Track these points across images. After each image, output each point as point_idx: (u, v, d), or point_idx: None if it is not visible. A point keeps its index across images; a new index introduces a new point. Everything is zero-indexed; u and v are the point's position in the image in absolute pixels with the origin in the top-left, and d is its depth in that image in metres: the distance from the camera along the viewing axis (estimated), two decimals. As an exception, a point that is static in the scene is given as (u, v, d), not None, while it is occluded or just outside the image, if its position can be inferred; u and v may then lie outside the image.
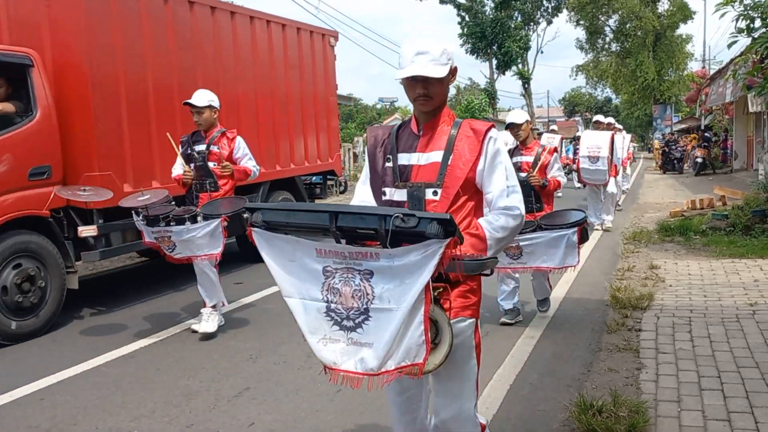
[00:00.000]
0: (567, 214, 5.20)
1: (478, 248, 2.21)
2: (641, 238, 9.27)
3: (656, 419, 3.43)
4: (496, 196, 2.27)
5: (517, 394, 3.90)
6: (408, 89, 2.30)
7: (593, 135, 10.33)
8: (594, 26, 42.37)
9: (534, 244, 4.90)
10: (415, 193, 2.28)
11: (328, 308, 1.98)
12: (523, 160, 5.35)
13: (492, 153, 2.29)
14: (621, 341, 4.74)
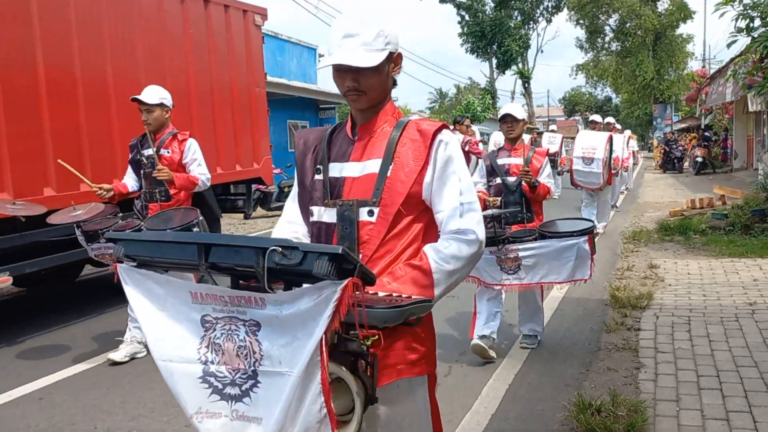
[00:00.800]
0: (571, 222, 4.60)
1: (420, 284, 1.72)
2: (641, 237, 9.27)
3: (655, 418, 3.43)
4: (447, 216, 1.80)
5: (515, 394, 3.90)
6: (337, 81, 1.84)
7: (589, 135, 9.70)
8: (594, 25, 42.37)
9: (537, 255, 4.22)
10: (346, 214, 1.82)
11: (205, 372, 1.55)
12: (512, 162, 4.66)
13: (443, 161, 1.82)
14: (620, 341, 4.74)
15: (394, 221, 1.80)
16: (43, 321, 5.97)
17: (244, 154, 8.32)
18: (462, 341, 4.96)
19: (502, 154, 4.74)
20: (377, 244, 1.79)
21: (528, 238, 4.30)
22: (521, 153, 4.67)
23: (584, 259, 4.18)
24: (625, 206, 14.03)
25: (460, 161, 1.85)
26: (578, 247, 4.15)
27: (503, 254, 4.24)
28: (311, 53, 20.82)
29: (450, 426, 3.48)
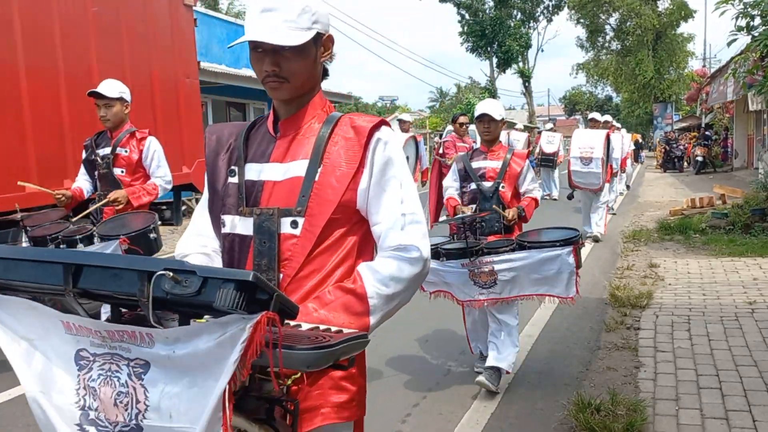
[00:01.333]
0: (554, 231, 3.96)
1: (353, 311, 1.44)
2: (641, 236, 9.27)
3: (654, 417, 3.43)
4: (386, 229, 1.52)
5: (515, 393, 3.89)
6: (254, 65, 1.57)
7: (586, 134, 9.33)
8: (594, 24, 42.38)
9: (515, 268, 3.66)
10: (265, 225, 1.52)
11: (83, 419, 1.23)
12: (488, 166, 4.08)
13: (381, 163, 1.55)
14: (620, 340, 4.74)
15: (322, 234, 1.52)
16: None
17: (169, 156, 7.38)
18: (460, 339, 4.96)
19: (478, 157, 4.15)
20: (302, 261, 1.52)
21: (504, 248, 3.72)
22: (499, 155, 4.09)
23: (568, 273, 3.61)
24: (626, 206, 14.03)
25: (402, 164, 1.60)
26: (561, 259, 3.58)
27: (476, 267, 3.69)
28: (311, 52, 20.82)
29: (449, 425, 3.49)
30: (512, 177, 4.04)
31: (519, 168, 4.06)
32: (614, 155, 9.86)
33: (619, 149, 10.75)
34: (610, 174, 9.46)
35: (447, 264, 3.80)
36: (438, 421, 3.55)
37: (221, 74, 14.93)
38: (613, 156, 9.64)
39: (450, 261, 3.79)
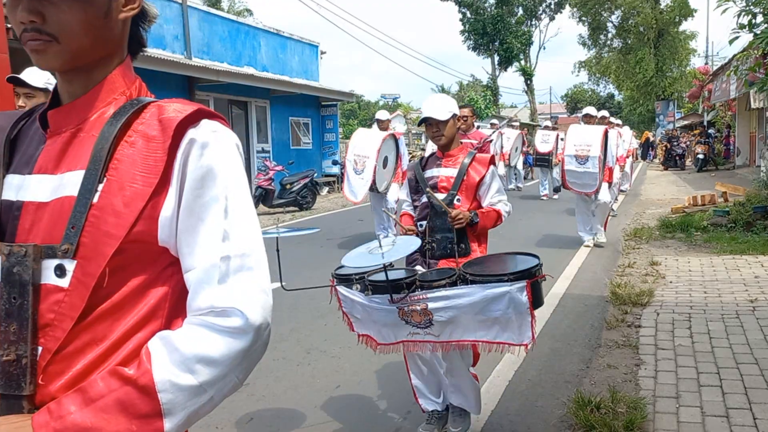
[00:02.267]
0: (509, 259, 3.17)
1: (136, 413, 0.95)
2: (642, 234, 9.27)
3: (654, 415, 3.43)
4: (198, 281, 1.02)
5: (515, 391, 3.90)
6: (9, 13, 1.05)
7: (582, 130, 8.41)
8: (596, 22, 42.32)
9: (453, 307, 2.79)
10: (15, 271, 0.99)
11: None
12: (441, 175, 3.37)
13: (196, 177, 1.04)
14: (620, 337, 4.75)
15: (105, 287, 1.01)
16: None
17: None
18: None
19: (432, 164, 3.46)
20: (70, 328, 1.00)
21: (440, 281, 2.84)
22: (456, 161, 3.38)
23: (520, 314, 2.71)
24: (627, 203, 14.02)
25: (232, 178, 1.07)
26: (510, 297, 2.68)
27: (406, 305, 2.83)
28: (313, 50, 20.79)
29: (450, 422, 3.49)
30: (470, 187, 3.31)
31: (479, 176, 3.31)
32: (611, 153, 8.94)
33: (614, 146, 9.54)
34: (609, 174, 8.66)
35: (374, 299, 2.92)
36: (438, 419, 3.55)
37: (222, 72, 14.94)
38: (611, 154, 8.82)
39: (377, 295, 2.90)
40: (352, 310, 3.10)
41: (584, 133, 8.28)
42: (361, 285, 2.96)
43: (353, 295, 2.99)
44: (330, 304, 3.19)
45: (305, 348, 4.84)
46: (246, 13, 34.11)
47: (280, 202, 14.50)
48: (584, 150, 8.00)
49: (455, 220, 3.17)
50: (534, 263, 2.84)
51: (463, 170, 3.33)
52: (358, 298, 2.98)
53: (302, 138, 19.67)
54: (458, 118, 3.41)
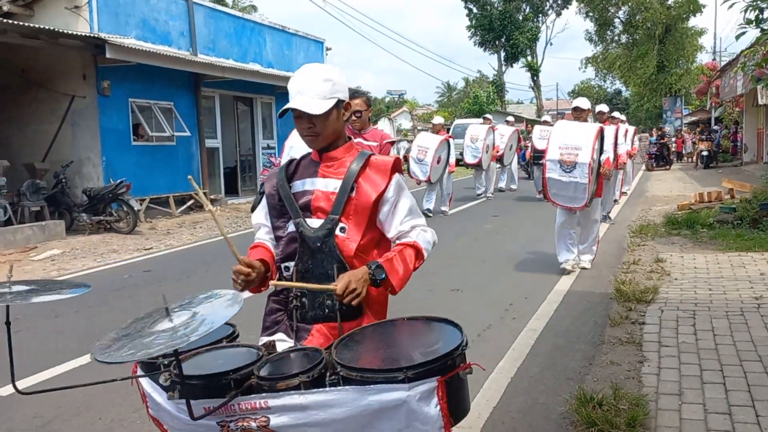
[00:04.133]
0: (415, 334, 2.02)
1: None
2: (648, 231, 9.23)
3: (657, 412, 3.42)
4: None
5: (517, 387, 3.90)
6: None
7: (571, 128, 6.78)
8: (603, 18, 42.14)
9: (316, 424, 1.66)
10: None
11: None
12: (316, 190, 2.17)
13: None
14: (624, 334, 4.73)
15: None
16: (50, 311, 6.01)
17: None
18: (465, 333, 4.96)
19: (304, 172, 2.21)
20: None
21: (291, 381, 1.70)
22: (340, 167, 2.16)
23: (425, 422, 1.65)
24: (633, 200, 13.97)
25: None
26: (408, 408, 1.64)
27: (233, 418, 1.70)
28: (319, 46, 20.79)
29: (451, 419, 3.49)
30: (363, 209, 2.09)
31: (377, 191, 2.09)
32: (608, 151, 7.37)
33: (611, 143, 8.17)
34: (601, 186, 7.05)
35: (182, 407, 1.70)
36: (440, 415, 3.55)
37: (228, 69, 14.95)
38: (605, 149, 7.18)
39: (195, 400, 1.68)
40: (159, 414, 1.88)
41: (573, 132, 6.62)
42: (168, 377, 1.76)
43: (157, 395, 1.83)
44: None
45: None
46: (251, 10, 34.11)
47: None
48: (571, 154, 6.44)
49: (344, 297, 1.93)
50: (453, 344, 1.76)
51: (349, 181, 2.10)
52: (161, 400, 1.82)
53: (308, 134, 19.65)
54: (347, 106, 2.17)
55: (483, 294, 6.21)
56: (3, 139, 12.47)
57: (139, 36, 13.32)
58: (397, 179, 2.17)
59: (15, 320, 5.77)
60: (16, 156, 11.72)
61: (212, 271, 7.81)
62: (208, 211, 1.92)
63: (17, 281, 2.04)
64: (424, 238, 2.16)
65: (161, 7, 14.09)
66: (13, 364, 1.73)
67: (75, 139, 12.25)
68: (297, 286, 2.08)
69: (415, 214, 2.19)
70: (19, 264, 8.72)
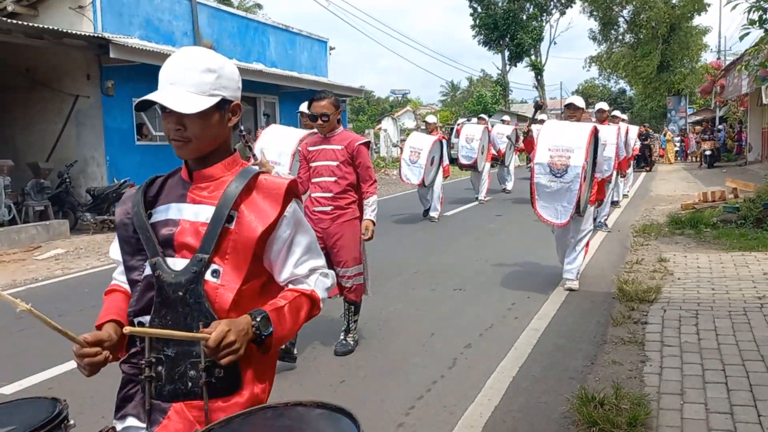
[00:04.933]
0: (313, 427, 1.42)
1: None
2: (651, 231, 9.22)
3: (658, 412, 3.42)
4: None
5: (519, 386, 3.90)
6: None
7: (562, 128, 6.05)
8: (608, 17, 41.98)
9: None
10: None
11: None
12: (182, 219, 1.61)
13: None
14: (626, 334, 4.73)
15: None
16: (54, 310, 6.04)
17: None
18: (468, 333, 4.97)
19: (170, 194, 1.68)
20: None
21: None
22: (214, 190, 1.63)
23: None
24: (637, 199, 13.95)
25: None
26: None
27: None
28: (322, 46, 20.80)
29: (453, 417, 3.50)
30: (243, 246, 1.59)
31: (263, 223, 1.60)
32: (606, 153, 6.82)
33: (613, 145, 8.01)
34: (597, 192, 6.46)
35: None
36: (442, 414, 3.57)
37: (232, 68, 14.94)
38: (605, 154, 6.64)
39: None
40: None
41: (564, 132, 5.94)
42: None
43: None
44: (333, 300, 3.19)
45: (310, 343, 4.86)
46: (256, 9, 34.10)
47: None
48: (562, 157, 5.70)
49: (219, 352, 1.46)
50: None
51: (225, 208, 1.58)
52: None
53: (311, 134, 19.70)
54: (235, 109, 1.65)
55: (485, 293, 6.21)
56: (7, 139, 12.53)
57: (142, 36, 13.36)
58: (294, 208, 1.65)
59: (19, 319, 5.85)
60: (20, 155, 11.77)
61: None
62: (23, 310, 1.38)
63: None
64: (323, 285, 1.72)
65: (165, 6, 14.12)
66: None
67: (79, 138, 12.29)
68: (156, 333, 1.55)
69: (314, 253, 1.71)
70: (23, 263, 8.76)
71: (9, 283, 7.52)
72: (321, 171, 4.45)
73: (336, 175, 4.41)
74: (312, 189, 4.52)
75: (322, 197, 4.45)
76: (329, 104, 4.33)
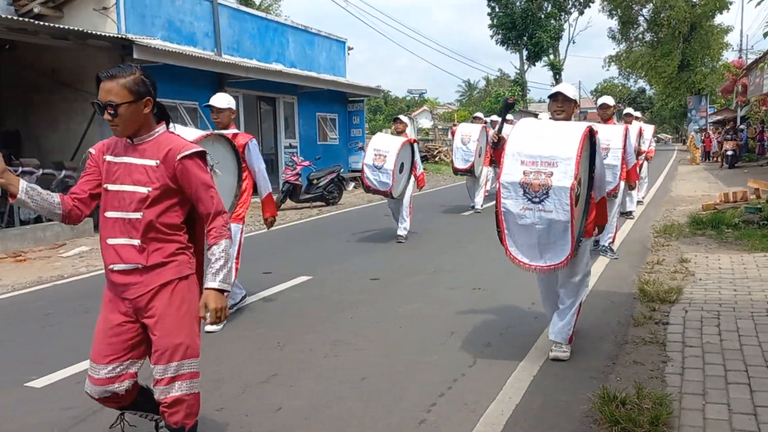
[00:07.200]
0: None
1: None
2: (672, 231, 9.16)
3: (680, 411, 3.42)
4: None
5: (539, 386, 3.92)
6: None
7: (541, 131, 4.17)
8: (627, 16, 41.65)
9: None
10: None
11: None
12: None
13: None
14: (647, 334, 4.72)
15: None
16: (80, 306, 6.15)
17: None
18: (487, 332, 4.99)
19: None
20: None
21: None
22: None
23: None
24: (657, 200, 13.84)
25: None
26: None
27: None
28: (340, 46, 20.88)
29: (473, 415, 3.53)
30: None
31: None
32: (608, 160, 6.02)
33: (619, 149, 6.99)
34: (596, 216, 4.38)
35: None
36: (462, 411, 3.60)
37: (252, 69, 15.10)
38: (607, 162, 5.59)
39: None
40: None
41: (545, 136, 4.09)
42: None
43: None
44: (355, 298, 3.24)
45: (331, 340, 4.91)
46: (275, 7, 34.16)
47: (306, 197, 14.64)
48: (541, 173, 3.92)
49: None
50: None
51: None
52: None
53: (329, 133, 19.79)
54: None
55: (504, 293, 6.22)
56: (33, 139, 12.75)
57: (165, 37, 13.52)
58: None
59: (46, 315, 6.01)
60: (46, 155, 11.97)
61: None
62: None
63: None
64: None
65: (186, 8, 14.28)
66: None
67: (103, 138, 12.32)
68: None
69: None
70: (48, 261, 8.92)
71: (35, 280, 7.67)
72: (120, 200, 2.66)
73: (143, 209, 2.64)
74: (105, 229, 2.71)
75: (122, 244, 2.67)
76: (121, 88, 2.57)
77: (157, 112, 2.76)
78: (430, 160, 30.33)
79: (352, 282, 6.90)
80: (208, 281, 2.66)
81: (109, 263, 2.72)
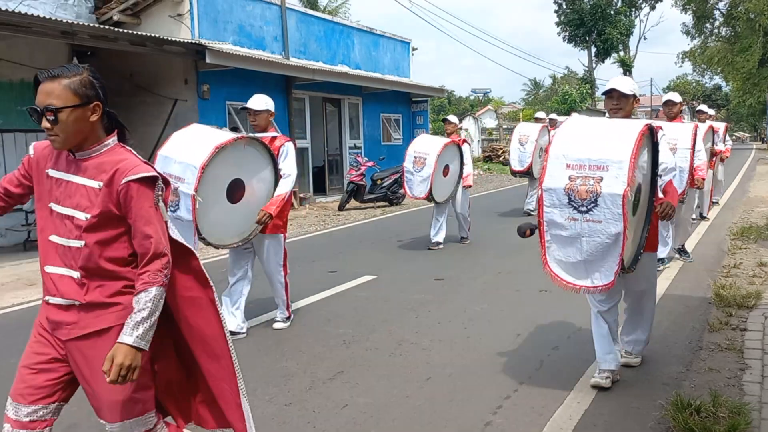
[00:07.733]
0: None
1: None
2: (750, 233, 8.76)
3: (760, 422, 3.29)
4: None
5: (610, 391, 3.84)
6: None
7: (591, 129, 3.72)
8: (702, 10, 39.96)
9: None
10: None
11: None
12: None
13: None
14: (724, 340, 4.55)
15: None
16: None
17: None
18: (555, 335, 4.93)
19: None
20: None
21: None
22: None
23: None
24: (734, 201, 13.26)
25: None
26: None
27: None
28: (405, 47, 20.95)
29: (541, 419, 3.50)
30: None
31: None
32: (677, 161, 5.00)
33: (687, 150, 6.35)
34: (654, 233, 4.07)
35: None
36: (530, 415, 3.57)
37: (318, 71, 15.35)
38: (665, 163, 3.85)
39: None
40: None
41: (596, 135, 3.65)
42: None
43: None
44: (419, 298, 3.27)
45: (396, 340, 4.96)
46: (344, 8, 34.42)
47: (370, 197, 14.81)
48: (590, 178, 3.46)
49: None
50: None
51: None
52: None
53: (393, 134, 19.89)
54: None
55: (572, 295, 6.06)
56: (112, 141, 13.36)
57: (235, 41, 13.93)
58: None
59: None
60: (123, 156, 12.52)
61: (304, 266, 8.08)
62: None
63: None
64: None
65: (256, 13, 14.66)
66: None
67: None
68: None
69: None
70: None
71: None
72: (61, 224, 2.25)
73: (83, 237, 2.22)
74: (45, 253, 2.30)
75: (60, 275, 2.26)
76: (64, 89, 2.15)
77: (108, 122, 2.31)
78: (494, 160, 30.03)
79: (417, 282, 6.94)
80: (124, 334, 2.13)
81: (45, 294, 2.31)
